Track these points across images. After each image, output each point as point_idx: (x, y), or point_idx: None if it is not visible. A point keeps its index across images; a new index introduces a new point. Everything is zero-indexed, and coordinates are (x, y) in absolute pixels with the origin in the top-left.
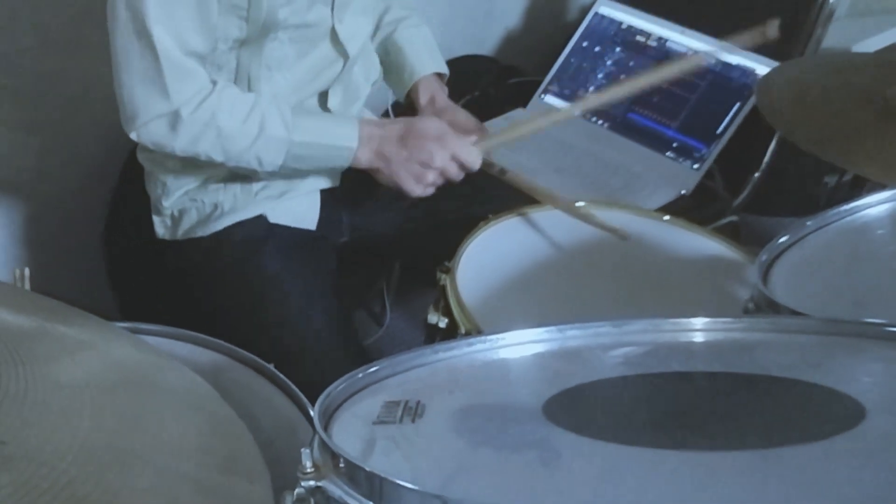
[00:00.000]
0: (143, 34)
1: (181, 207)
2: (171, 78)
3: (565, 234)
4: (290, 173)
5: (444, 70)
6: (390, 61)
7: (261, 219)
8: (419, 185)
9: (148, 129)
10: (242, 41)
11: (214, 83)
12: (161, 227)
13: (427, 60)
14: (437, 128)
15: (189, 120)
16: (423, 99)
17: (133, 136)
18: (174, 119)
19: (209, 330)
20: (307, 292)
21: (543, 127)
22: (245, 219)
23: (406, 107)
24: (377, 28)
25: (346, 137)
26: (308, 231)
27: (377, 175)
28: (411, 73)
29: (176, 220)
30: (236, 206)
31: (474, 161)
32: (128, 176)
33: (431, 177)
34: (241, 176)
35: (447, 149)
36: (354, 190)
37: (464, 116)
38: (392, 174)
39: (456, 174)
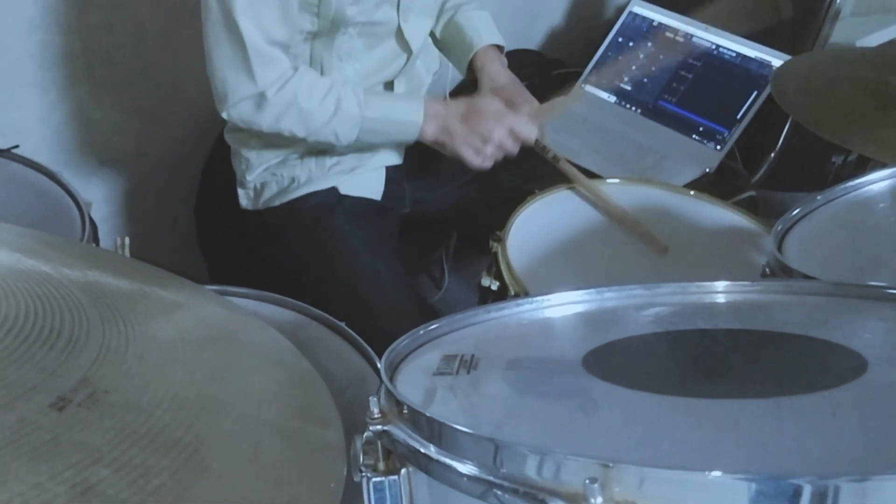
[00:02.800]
0: (232, 26)
1: (263, 181)
2: (256, 64)
3: (603, 207)
4: (360, 149)
5: (501, 42)
6: (452, 39)
7: (332, 190)
8: (479, 158)
9: (237, 108)
10: (315, 34)
11: (296, 68)
12: (245, 199)
13: (484, 34)
14: (496, 106)
15: (274, 100)
16: (481, 67)
17: (224, 115)
18: (260, 99)
19: (288, 290)
20: (373, 249)
21: (583, 100)
22: (318, 189)
23: (464, 89)
24: (440, 13)
25: (412, 113)
26: (374, 200)
27: (441, 149)
28: (470, 46)
29: (258, 192)
30: (311, 179)
31: (529, 133)
32: (216, 154)
33: (490, 150)
34: (315, 152)
35: (504, 124)
36: (416, 167)
37: (521, 89)
38: (455, 148)
39: (512, 147)
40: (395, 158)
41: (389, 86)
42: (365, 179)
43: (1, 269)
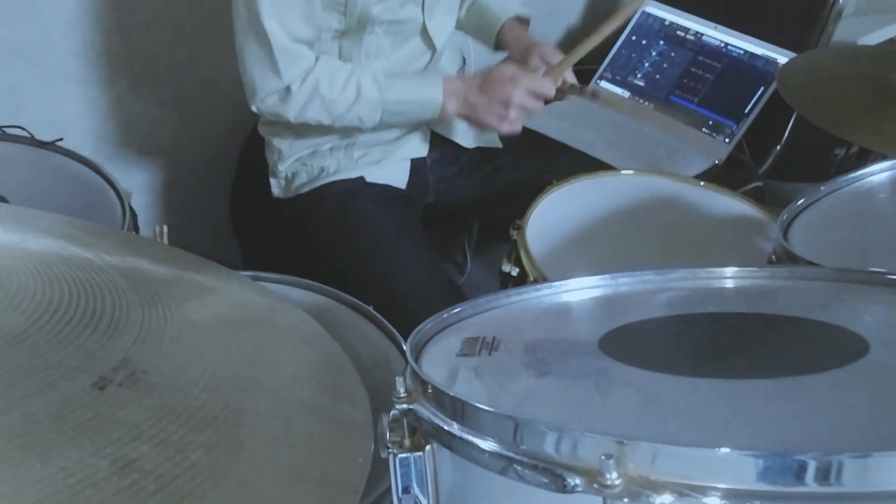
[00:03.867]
0: (258, 27)
1: (294, 171)
2: (281, 61)
3: (617, 197)
4: (387, 141)
5: (526, 14)
6: (478, 18)
7: (359, 178)
8: (504, 123)
9: (265, 102)
10: (343, 32)
11: (318, 59)
12: (276, 188)
13: (509, 7)
14: (510, 70)
15: (297, 93)
16: (507, 38)
17: (254, 108)
18: (285, 93)
19: (318, 275)
20: (397, 231)
21: (596, 44)
22: (345, 178)
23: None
24: (462, 1)
25: (432, 92)
26: (398, 189)
27: (468, 122)
28: (496, 20)
29: (289, 181)
30: (339, 169)
31: (549, 89)
32: (250, 146)
33: (514, 113)
34: (344, 145)
35: (521, 86)
36: (440, 159)
37: (550, 48)
38: (479, 118)
39: (535, 105)
40: (420, 151)
41: None
42: (390, 170)
43: (45, 256)
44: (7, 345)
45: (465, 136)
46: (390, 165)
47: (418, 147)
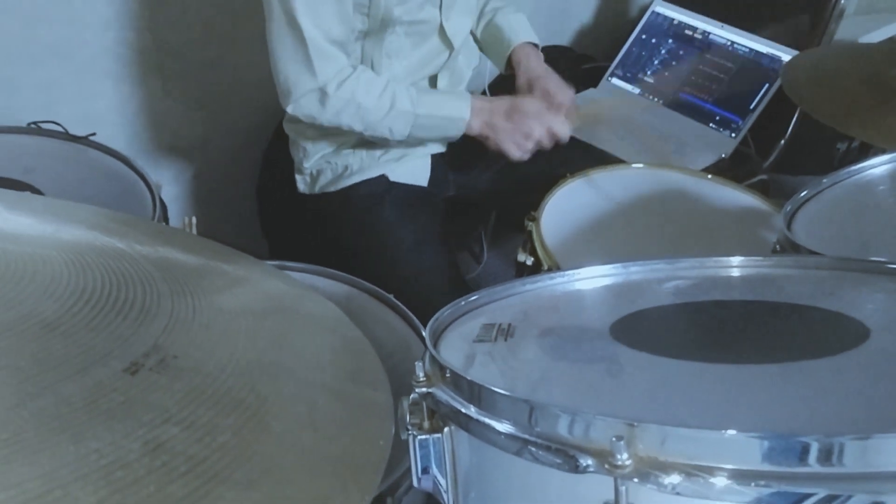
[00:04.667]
0: (293, 25)
1: (318, 168)
2: (316, 60)
3: (628, 189)
4: (409, 141)
5: (536, 41)
6: (491, 38)
7: (382, 178)
8: (519, 151)
9: (300, 103)
10: (366, 33)
11: (354, 67)
12: (302, 184)
13: (521, 33)
14: (537, 106)
15: (334, 97)
16: (518, 61)
17: (289, 109)
18: (322, 95)
19: (341, 266)
20: (418, 237)
21: (617, 114)
22: (369, 177)
23: (502, 81)
24: (480, 16)
25: (460, 110)
26: (421, 187)
27: (485, 141)
28: (508, 45)
29: (314, 178)
30: (363, 167)
31: (565, 134)
32: (276, 142)
33: (530, 145)
34: (367, 143)
35: (544, 123)
36: (459, 155)
37: (555, 79)
38: (498, 142)
39: (548, 143)
40: (439, 147)
41: (433, 80)
42: (412, 167)
43: (79, 246)
44: (42, 331)
45: None
46: (412, 162)
47: (438, 143)
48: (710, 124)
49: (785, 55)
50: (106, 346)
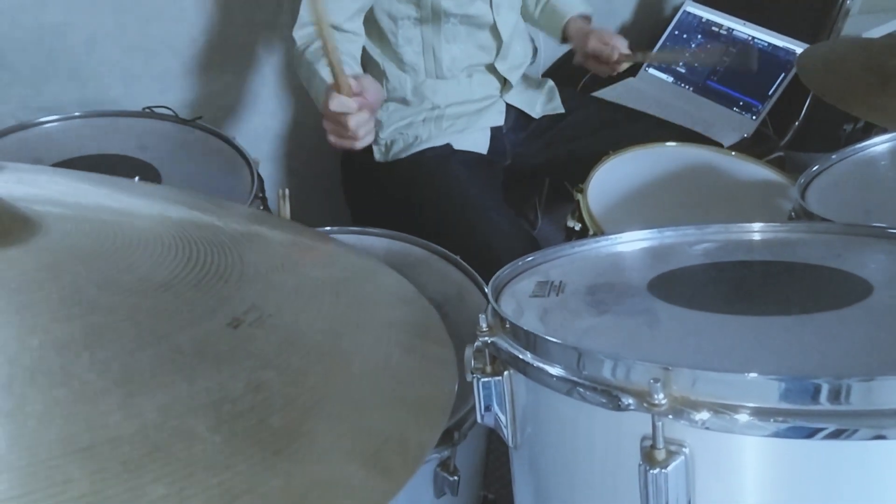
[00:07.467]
0: None
1: (392, 139)
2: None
3: (665, 164)
4: (470, 113)
5: (588, 12)
6: (547, 15)
7: (447, 146)
8: (343, 140)
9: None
10: (420, 20)
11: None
12: (378, 153)
13: (575, 7)
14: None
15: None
16: (572, 31)
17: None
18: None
19: (412, 222)
20: (483, 193)
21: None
22: (436, 145)
23: (557, 69)
24: (536, 3)
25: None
26: (481, 154)
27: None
28: (562, 17)
29: (388, 148)
30: (430, 136)
31: (341, 106)
32: None
33: (333, 139)
34: (434, 116)
35: (325, 114)
36: (514, 126)
37: (607, 32)
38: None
39: (342, 120)
40: (497, 120)
41: (491, 67)
42: (473, 137)
43: (183, 223)
44: (156, 291)
45: (532, 107)
46: (473, 133)
47: (496, 116)
48: (734, 108)
49: (798, 48)
50: (211, 304)
